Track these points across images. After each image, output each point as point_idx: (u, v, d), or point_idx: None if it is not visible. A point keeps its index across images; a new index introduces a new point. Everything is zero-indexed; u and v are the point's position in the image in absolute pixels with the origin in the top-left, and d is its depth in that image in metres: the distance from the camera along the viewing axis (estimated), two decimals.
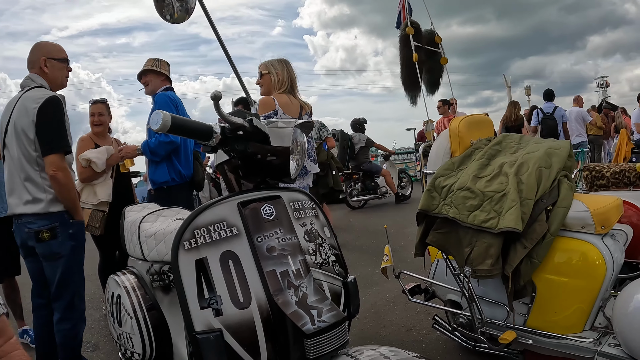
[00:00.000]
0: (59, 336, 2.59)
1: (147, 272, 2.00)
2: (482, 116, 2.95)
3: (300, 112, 3.16)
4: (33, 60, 2.67)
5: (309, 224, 1.58)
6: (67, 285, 2.59)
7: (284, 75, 3.22)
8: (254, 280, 1.36)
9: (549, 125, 8.33)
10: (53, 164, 2.49)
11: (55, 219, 2.55)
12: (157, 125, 1.29)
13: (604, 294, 2.14)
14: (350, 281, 1.64)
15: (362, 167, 9.91)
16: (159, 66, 3.73)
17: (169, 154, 3.55)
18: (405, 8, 5.19)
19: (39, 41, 2.77)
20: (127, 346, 1.95)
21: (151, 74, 3.71)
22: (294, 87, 3.26)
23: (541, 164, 2.34)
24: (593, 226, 2.16)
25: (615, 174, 2.97)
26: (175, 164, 3.60)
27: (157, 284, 1.92)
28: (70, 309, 2.61)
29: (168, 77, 3.77)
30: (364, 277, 4.72)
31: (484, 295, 2.45)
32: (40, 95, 2.52)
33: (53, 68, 2.71)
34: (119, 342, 2.05)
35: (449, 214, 2.29)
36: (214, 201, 1.44)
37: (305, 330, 1.27)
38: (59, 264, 2.55)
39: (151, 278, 1.95)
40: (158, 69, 3.72)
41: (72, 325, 2.62)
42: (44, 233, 2.51)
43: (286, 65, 3.28)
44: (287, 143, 1.50)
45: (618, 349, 1.99)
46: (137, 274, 2.07)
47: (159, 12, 1.65)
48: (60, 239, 2.55)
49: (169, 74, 3.79)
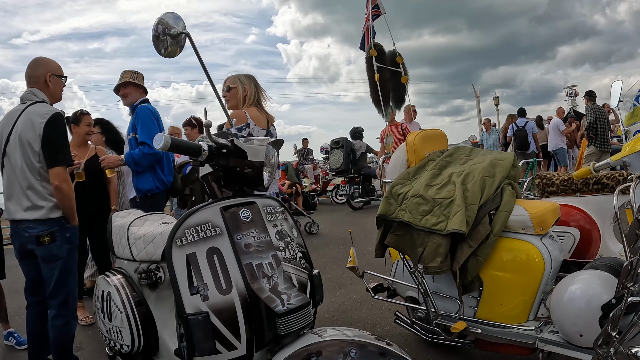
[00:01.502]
0: (54, 331, 2.75)
1: (135, 271, 2.20)
2: (437, 131, 3.19)
3: (267, 124, 3.33)
4: (37, 75, 2.83)
5: (279, 225, 1.87)
6: (64, 284, 2.76)
7: (251, 90, 3.35)
8: (234, 271, 1.65)
9: (520, 135, 10.26)
10: (58, 175, 2.68)
11: (54, 224, 2.73)
12: (160, 144, 1.58)
13: (545, 287, 2.38)
14: (315, 274, 1.94)
15: (363, 172, 10.53)
16: (137, 78, 3.89)
17: (152, 165, 3.74)
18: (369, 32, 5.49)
19: (38, 57, 2.92)
20: (116, 339, 2.15)
21: (131, 86, 3.87)
22: (259, 100, 3.38)
23: (485, 173, 2.60)
24: (532, 228, 2.42)
25: (564, 182, 3.16)
26: (159, 172, 3.79)
27: (145, 282, 2.11)
28: (65, 307, 2.78)
29: (145, 89, 3.96)
30: (333, 280, 4.94)
31: (437, 290, 2.69)
32: (46, 111, 2.69)
33: (55, 84, 2.90)
34: (108, 336, 2.24)
35: (404, 218, 2.54)
36: (201, 206, 1.74)
37: (277, 310, 1.56)
38: (57, 265, 2.72)
39: (139, 276, 2.14)
40: (137, 82, 3.88)
41: (66, 321, 2.79)
42: (45, 237, 2.68)
43: (253, 80, 3.41)
44: (261, 158, 1.81)
45: (556, 335, 2.23)
46: (125, 273, 2.28)
47: (155, 47, 1.89)
48: (59, 242, 2.73)
49: (144, 85, 3.97)
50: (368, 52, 5.01)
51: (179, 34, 1.84)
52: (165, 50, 1.88)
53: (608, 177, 2.96)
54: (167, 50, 1.88)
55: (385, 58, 5.13)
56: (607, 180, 2.97)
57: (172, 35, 1.85)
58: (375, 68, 4.90)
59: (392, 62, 5.20)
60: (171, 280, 1.62)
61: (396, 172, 2.94)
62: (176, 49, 1.90)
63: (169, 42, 1.87)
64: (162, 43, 1.87)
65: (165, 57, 1.90)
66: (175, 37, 1.85)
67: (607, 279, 2.12)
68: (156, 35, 1.86)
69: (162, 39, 1.86)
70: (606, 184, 2.97)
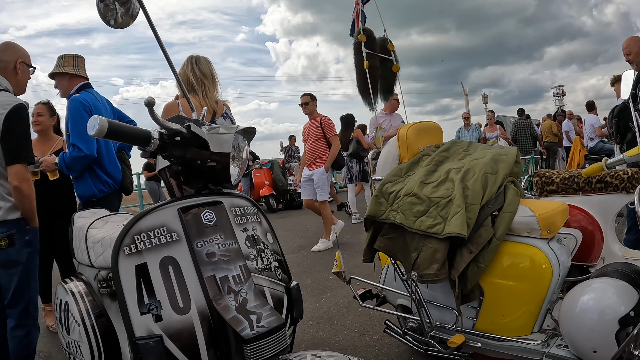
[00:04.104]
0: (14, 342, 2.54)
1: (94, 278, 1.95)
2: (431, 123, 2.99)
3: (212, 116, 3.07)
4: (6, 60, 2.60)
5: (250, 229, 1.60)
6: (24, 292, 2.54)
7: (183, 76, 3.08)
8: (194, 286, 1.39)
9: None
10: (17, 174, 2.44)
11: (12, 226, 2.49)
12: (94, 130, 1.28)
13: (551, 296, 2.19)
14: (293, 287, 1.67)
15: None
16: (62, 65, 3.38)
17: (90, 165, 3.28)
18: (359, 16, 5.27)
19: (8, 41, 2.70)
20: (75, 354, 1.92)
21: (57, 77, 3.41)
22: (195, 88, 3.10)
23: (487, 170, 2.38)
24: (539, 231, 2.22)
25: (565, 180, 3.00)
26: (100, 174, 3.34)
27: (105, 291, 1.87)
28: (26, 316, 2.56)
29: (77, 74, 3.41)
30: (318, 283, 4.74)
31: (433, 299, 2.48)
32: (9, 102, 2.45)
33: (23, 73, 2.68)
34: (67, 350, 2.02)
35: (396, 219, 2.31)
36: (155, 206, 1.46)
37: (244, 335, 1.30)
38: (16, 272, 2.50)
39: (99, 285, 1.91)
40: (60, 70, 3.38)
41: (26, 332, 2.57)
42: (2, 241, 2.45)
43: (190, 63, 3.13)
44: (227, 149, 1.51)
45: (566, 350, 2.04)
46: (85, 280, 2.03)
47: (103, 18, 1.62)
48: (18, 246, 2.50)
49: (78, 69, 3.41)
50: (357, 37, 4.79)
51: (129, 1, 1.56)
52: (115, 20, 1.61)
53: (612, 176, 2.77)
54: (117, 21, 1.61)
55: (375, 45, 4.91)
56: (610, 179, 2.78)
57: (122, 1, 1.57)
58: (364, 54, 4.66)
59: (383, 49, 4.98)
60: (117, 296, 1.35)
61: (387, 169, 2.72)
62: (128, 20, 1.62)
63: (119, 12, 1.60)
64: (111, 12, 1.60)
65: (115, 28, 1.63)
66: (125, 3, 1.57)
67: (623, 287, 1.95)
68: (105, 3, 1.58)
69: (111, 7, 1.59)
70: (610, 182, 2.78)
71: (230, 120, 3.23)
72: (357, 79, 4.91)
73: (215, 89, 3.23)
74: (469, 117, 11.59)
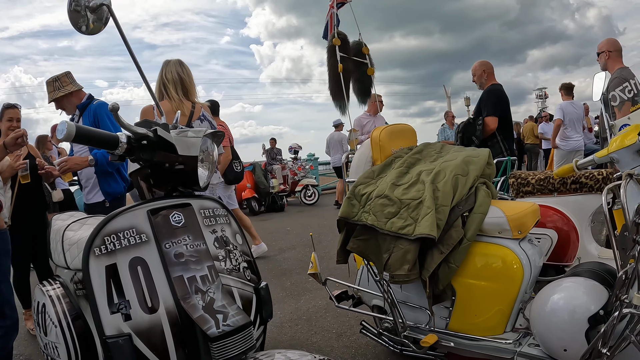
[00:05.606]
0: None
1: (71, 280, 1.97)
2: (405, 125, 3.00)
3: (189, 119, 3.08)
4: None
5: (219, 230, 1.63)
6: None
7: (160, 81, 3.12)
8: (162, 286, 1.41)
9: None
10: None
11: None
12: (62, 134, 1.30)
13: (523, 296, 2.21)
14: (262, 287, 1.69)
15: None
16: (61, 86, 3.43)
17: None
18: (333, 19, 5.29)
19: None
20: (53, 355, 1.93)
21: (62, 99, 3.43)
22: (170, 92, 3.12)
23: (458, 171, 2.40)
24: (510, 231, 2.24)
25: (540, 181, 3.02)
26: (122, 171, 3.44)
27: (81, 292, 1.88)
28: (2, 318, 2.54)
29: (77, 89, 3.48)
30: (297, 284, 4.75)
31: (406, 300, 2.50)
32: None
33: None
34: (45, 351, 2.02)
35: (368, 221, 2.32)
36: (125, 208, 1.48)
37: (210, 334, 1.32)
38: None
39: (75, 286, 1.92)
40: (63, 92, 3.42)
41: (3, 333, 2.55)
42: None
43: (166, 67, 3.15)
44: (194, 152, 1.53)
45: (537, 349, 2.06)
46: (62, 283, 2.04)
47: (74, 25, 1.62)
48: None
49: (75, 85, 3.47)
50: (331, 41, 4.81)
51: (99, 6, 1.57)
52: (87, 27, 1.61)
53: (587, 176, 2.80)
54: (88, 27, 1.61)
55: (349, 48, 4.94)
56: (585, 180, 2.81)
57: (92, 8, 1.57)
58: (338, 58, 4.70)
59: (358, 52, 5.01)
60: (88, 296, 1.38)
61: (360, 171, 2.73)
62: (100, 25, 1.63)
63: (90, 19, 1.60)
64: (83, 19, 1.60)
65: (87, 34, 1.63)
66: (96, 10, 1.57)
67: (593, 287, 1.96)
68: (75, 9, 1.58)
69: (82, 14, 1.59)
70: (585, 183, 2.82)
71: (208, 122, 3.23)
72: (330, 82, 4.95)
73: (191, 92, 3.23)
74: (453, 116, 11.63)
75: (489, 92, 4.54)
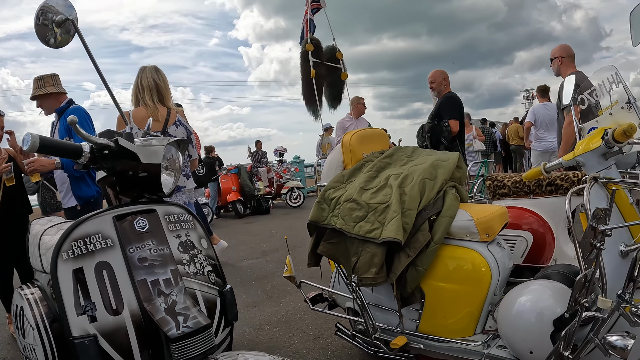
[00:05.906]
0: None
1: (48, 284, 2.01)
2: (376, 130, 3.04)
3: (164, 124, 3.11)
4: None
5: (184, 235, 1.68)
6: None
7: (135, 88, 3.15)
8: (126, 289, 1.47)
9: None
10: None
11: None
12: (27, 145, 1.36)
13: (493, 298, 2.23)
14: (226, 290, 1.74)
15: None
16: (43, 86, 3.51)
17: None
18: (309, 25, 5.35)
19: None
20: (31, 357, 1.96)
21: (41, 98, 3.53)
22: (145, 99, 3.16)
23: (425, 175, 2.43)
24: (477, 234, 2.26)
25: (516, 183, 3.04)
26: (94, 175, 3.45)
27: None
28: None
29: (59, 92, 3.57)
30: (278, 287, 4.78)
31: (378, 302, 2.52)
32: None
33: None
34: (24, 354, 2.06)
35: (337, 224, 2.35)
36: (93, 214, 1.54)
37: (170, 335, 1.37)
38: None
39: (51, 290, 1.92)
40: (44, 91, 3.51)
41: None
42: None
43: (141, 74, 3.19)
44: (156, 160, 1.58)
45: (505, 351, 2.08)
46: (40, 286, 2.08)
47: (42, 39, 1.66)
48: None
49: (58, 87, 3.57)
50: (304, 47, 4.87)
51: (64, 21, 1.61)
52: (55, 39, 1.66)
53: (562, 179, 2.85)
54: (57, 40, 1.66)
55: (322, 54, 4.99)
56: (560, 182, 2.86)
57: (58, 22, 1.61)
58: (311, 63, 4.75)
59: (332, 57, 5.07)
60: (56, 298, 1.45)
61: (331, 175, 2.77)
62: (67, 38, 1.67)
63: (57, 32, 1.65)
64: (50, 32, 1.65)
65: (54, 47, 1.67)
66: (61, 24, 1.61)
67: (560, 290, 1.98)
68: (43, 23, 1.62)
69: (49, 28, 1.64)
70: (560, 185, 2.86)
71: (183, 128, 3.25)
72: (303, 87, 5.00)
73: (167, 98, 3.25)
74: None
75: (451, 98, 4.70)
